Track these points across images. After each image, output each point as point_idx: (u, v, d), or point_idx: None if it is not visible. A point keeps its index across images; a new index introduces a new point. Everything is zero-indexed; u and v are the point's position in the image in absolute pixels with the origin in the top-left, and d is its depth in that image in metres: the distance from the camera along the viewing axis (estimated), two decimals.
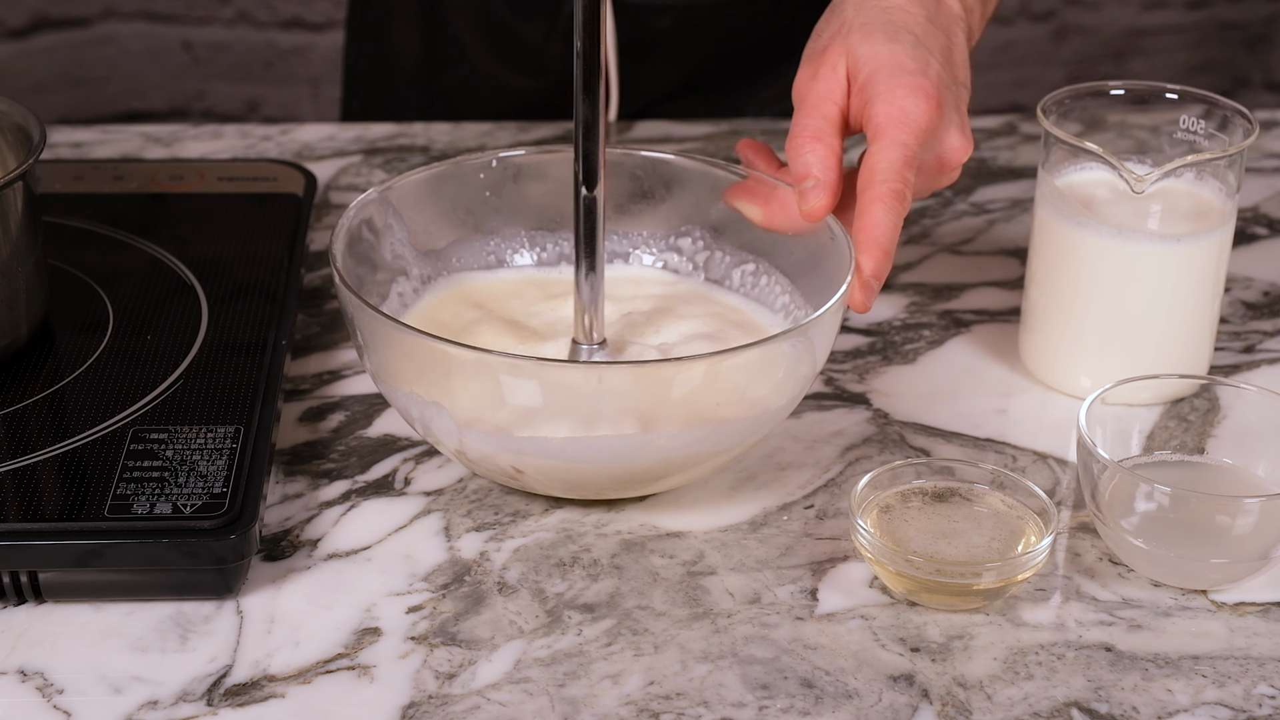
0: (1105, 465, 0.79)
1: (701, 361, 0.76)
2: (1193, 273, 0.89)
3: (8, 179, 0.84)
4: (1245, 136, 0.88)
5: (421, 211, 0.90)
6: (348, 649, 0.75)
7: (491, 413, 0.77)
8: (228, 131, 1.22)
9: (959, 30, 0.89)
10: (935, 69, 0.84)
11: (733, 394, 0.78)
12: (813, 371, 0.81)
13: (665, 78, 1.26)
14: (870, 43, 0.84)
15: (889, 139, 0.82)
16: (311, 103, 2.37)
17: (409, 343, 0.78)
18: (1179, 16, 2.45)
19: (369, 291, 0.86)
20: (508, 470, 0.80)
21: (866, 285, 0.81)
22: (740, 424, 0.79)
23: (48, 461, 0.80)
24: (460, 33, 1.27)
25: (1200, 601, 0.78)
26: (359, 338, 0.80)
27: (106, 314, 0.92)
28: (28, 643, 0.74)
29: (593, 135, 0.80)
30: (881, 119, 0.82)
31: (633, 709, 0.72)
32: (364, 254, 0.86)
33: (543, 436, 0.77)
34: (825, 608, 0.77)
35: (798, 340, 0.78)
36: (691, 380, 0.76)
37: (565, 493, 0.82)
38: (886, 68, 0.83)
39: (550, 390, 0.76)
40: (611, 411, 0.76)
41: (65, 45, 2.32)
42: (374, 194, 0.87)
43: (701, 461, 0.80)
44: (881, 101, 0.83)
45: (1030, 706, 0.72)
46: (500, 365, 0.76)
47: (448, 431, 0.79)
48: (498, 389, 0.76)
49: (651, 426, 0.77)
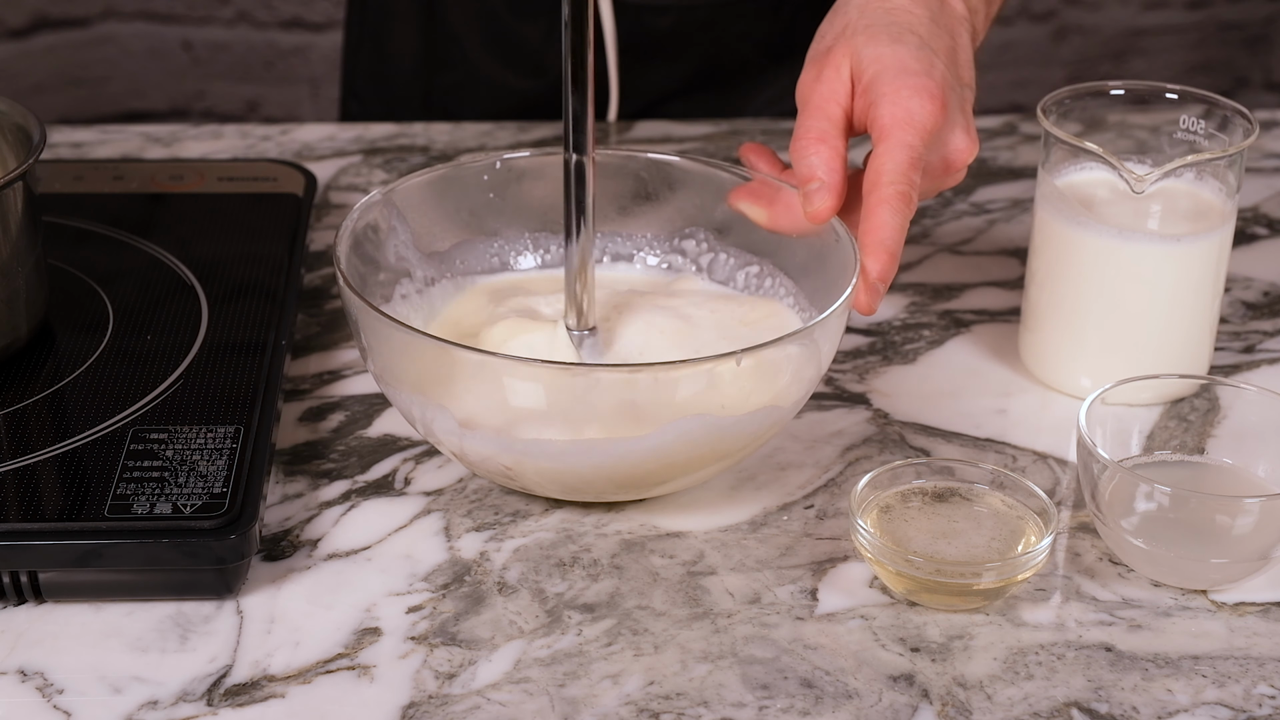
0: (1105, 465, 0.79)
1: (704, 364, 0.76)
2: (1193, 273, 0.89)
3: (8, 179, 0.84)
4: (1245, 136, 0.88)
5: (425, 213, 0.90)
6: (348, 649, 0.75)
7: (493, 414, 0.77)
8: (228, 131, 1.22)
9: (963, 31, 0.88)
10: (940, 70, 0.84)
11: (737, 397, 0.78)
12: (818, 374, 0.81)
13: (666, 78, 1.26)
14: (874, 44, 0.84)
15: (894, 141, 0.82)
16: (311, 103, 2.37)
17: (413, 345, 0.78)
18: (1179, 16, 2.45)
19: (371, 293, 0.86)
20: (509, 472, 0.80)
21: (873, 288, 0.81)
22: (745, 427, 0.79)
23: (48, 461, 0.80)
24: (460, 33, 1.27)
25: (1200, 601, 0.78)
26: (363, 340, 0.80)
27: (106, 314, 0.92)
28: (28, 643, 0.74)
29: (581, 128, 0.81)
30: (886, 120, 0.82)
31: (633, 709, 0.72)
32: (368, 255, 0.87)
33: (544, 439, 0.77)
34: (825, 608, 0.77)
35: (804, 342, 0.78)
36: (695, 383, 0.76)
37: (566, 495, 0.82)
38: (891, 69, 0.83)
39: (552, 393, 0.76)
40: (613, 414, 0.76)
41: (65, 45, 2.32)
42: (378, 195, 0.88)
43: (706, 465, 0.80)
44: (886, 103, 0.82)
45: (1030, 706, 0.72)
46: (502, 367, 0.76)
47: (449, 432, 0.79)
48: (500, 390, 0.76)
49: (653, 429, 0.76)
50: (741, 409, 0.78)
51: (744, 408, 0.78)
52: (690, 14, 1.23)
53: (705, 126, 1.22)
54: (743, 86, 1.27)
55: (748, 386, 0.78)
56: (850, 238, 0.83)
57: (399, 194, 0.89)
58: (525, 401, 0.76)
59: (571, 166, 0.82)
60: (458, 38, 1.27)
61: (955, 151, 0.85)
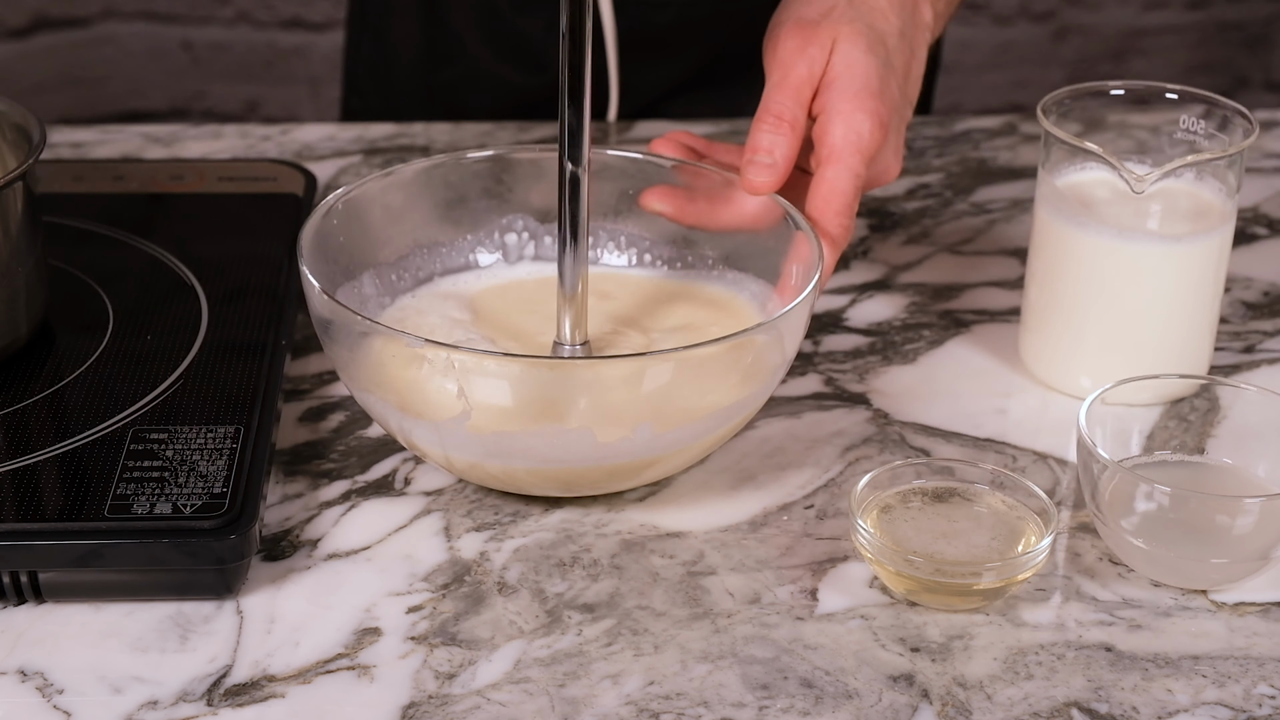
0: (1105, 465, 0.79)
1: (671, 356, 0.77)
2: (1193, 273, 0.89)
3: (8, 179, 0.84)
4: (1245, 136, 0.88)
5: (378, 218, 0.90)
6: (348, 649, 0.75)
7: (465, 413, 0.77)
8: (228, 131, 1.22)
9: (923, 44, 0.92)
10: (892, 92, 0.88)
11: (700, 389, 0.78)
12: (784, 361, 0.82)
13: (666, 74, 1.26)
14: (854, 46, 0.87)
15: (844, 166, 0.86)
16: (311, 103, 2.37)
17: (378, 351, 0.78)
18: (1179, 16, 2.45)
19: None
20: (494, 473, 0.80)
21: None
22: (711, 417, 0.79)
23: (48, 461, 0.80)
24: (460, 28, 1.27)
25: (1200, 601, 0.78)
26: (339, 357, 0.80)
27: (106, 314, 0.92)
28: (28, 643, 0.74)
29: (577, 142, 0.80)
30: (838, 141, 0.86)
31: (633, 709, 0.72)
32: (331, 255, 0.86)
33: (518, 434, 0.77)
34: (825, 608, 0.77)
35: (768, 332, 0.79)
36: (661, 376, 0.77)
37: (552, 491, 0.82)
38: (857, 80, 0.87)
39: (519, 388, 0.76)
40: (582, 407, 0.76)
41: (65, 45, 2.32)
42: (334, 200, 0.87)
43: (679, 453, 0.80)
44: (841, 121, 0.86)
45: (1030, 706, 0.72)
46: (469, 363, 0.76)
47: (431, 443, 0.79)
48: (469, 388, 0.77)
49: (629, 422, 0.77)
50: (706, 400, 0.79)
51: (707, 400, 0.79)
52: (691, 9, 1.23)
53: (705, 126, 1.22)
54: (744, 83, 1.27)
55: (713, 378, 0.79)
56: (812, 231, 0.85)
57: (355, 198, 0.88)
58: (492, 398, 0.77)
59: (566, 178, 0.81)
60: (458, 33, 1.27)
61: (882, 172, 0.90)
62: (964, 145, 1.21)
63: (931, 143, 1.21)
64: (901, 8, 0.90)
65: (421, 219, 0.92)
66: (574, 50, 0.79)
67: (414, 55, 1.30)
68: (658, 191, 0.92)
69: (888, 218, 1.11)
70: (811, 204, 0.86)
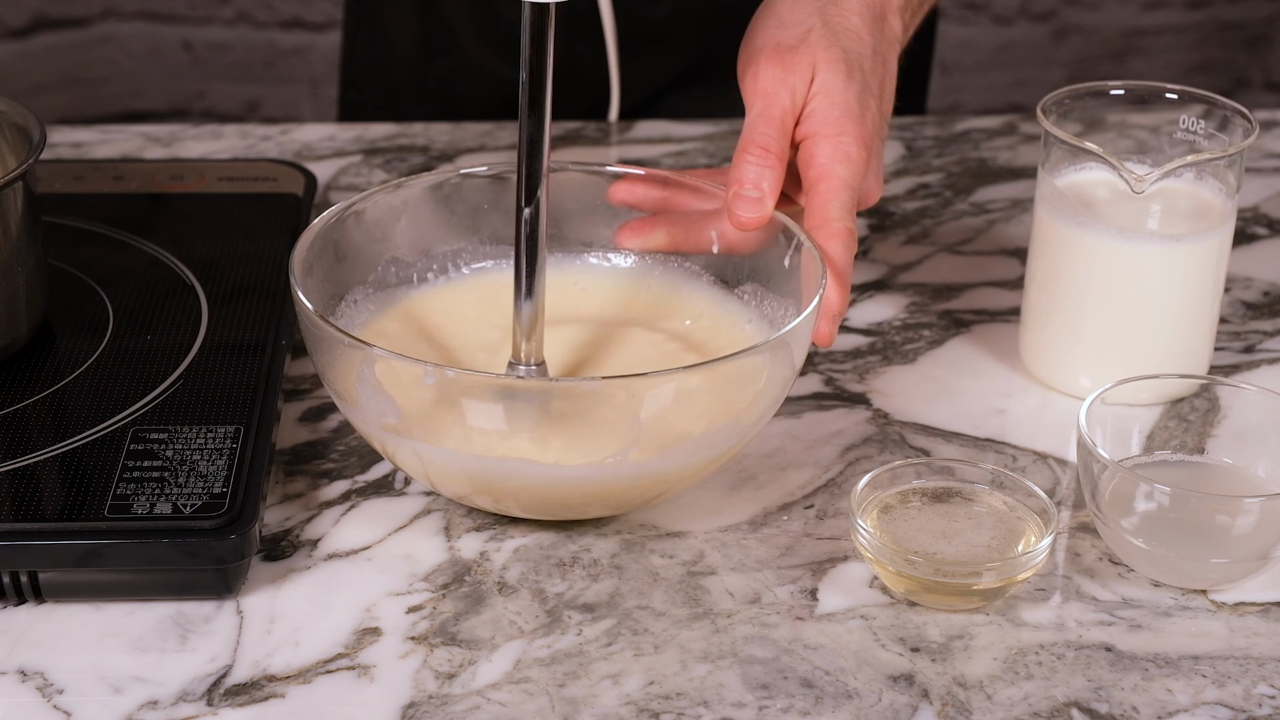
0: (1105, 465, 0.79)
1: (673, 376, 0.76)
2: (1193, 273, 0.89)
3: (8, 179, 0.84)
4: (1245, 136, 0.88)
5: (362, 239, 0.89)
6: (348, 649, 0.75)
7: (451, 435, 0.76)
8: (228, 131, 1.22)
9: (894, 58, 0.92)
10: (872, 114, 0.87)
11: (701, 410, 0.77)
12: (792, 374, 0.81)
13: (663, 69, 1.26)
14: (833, 73, 0.86)
15: (837, 180, 0.85)
16: (311, 103, 2.37)
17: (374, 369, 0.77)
18: (1179, 16, 2.45)
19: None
20: (479, 499, 0.79)
21: (834, 319, 0.83)
22: (712, 438, 0.78)
23: (48, 461, 0.80)
24: (454, 21, 1.27)
25: (1200, 601, 0.78)
26: (326, 374, 0.80)
27: (106, 314, 0.92)
28: (28, 643, 0.74)
29: (536, 153, 0.78)
30: (827, 161, 0.85)
31: (633, 709, 0.72)
32: (325, 272, 0.86)
33: (509, 459, 0.76)
34: (825, 608, 0.77)
35: (776, 351, 0.78)
36: (661, 398, 0.76)
37: (538, 515, 0.81)
38: (838, 106, 0.86)
39: (513, 411, 0.76)
40: (578, 431, 0.76)
41: (65, 45, 2.32)
42: (323, 221, 0.86)
43: (686, 477, 0.79)
44: (828, 143, 0.85)
45: (1030, 706, 0.72)
46: (457, 385, 0.75)
47: (411, 463, 0.79)
48: (456, 410, 0.75)
49: (627, 443, 0.76)
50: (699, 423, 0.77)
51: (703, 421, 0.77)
52: (687, 3, 1.23)
53: (705, 126, 1.22)
54: None
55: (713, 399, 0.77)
56: (811, 243, 0.83)
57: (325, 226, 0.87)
58: (482, 421, 0.75)
59: (523, 189, 0.79)
60: (452, 26, 1.27)
61: (864, 195, 0.89)
62: (964, 145, 1.21)
63: (931, 143, 1.21)
64: (873, 26, 0.90)
65: (423, 231, 0.91)
66: (536, 54, 0.77)
67: (410, 49, 1.29)
68: (628, 230, 0.91)
69: (888, 218, 1.11)
70: (810, 215, 0.85)
